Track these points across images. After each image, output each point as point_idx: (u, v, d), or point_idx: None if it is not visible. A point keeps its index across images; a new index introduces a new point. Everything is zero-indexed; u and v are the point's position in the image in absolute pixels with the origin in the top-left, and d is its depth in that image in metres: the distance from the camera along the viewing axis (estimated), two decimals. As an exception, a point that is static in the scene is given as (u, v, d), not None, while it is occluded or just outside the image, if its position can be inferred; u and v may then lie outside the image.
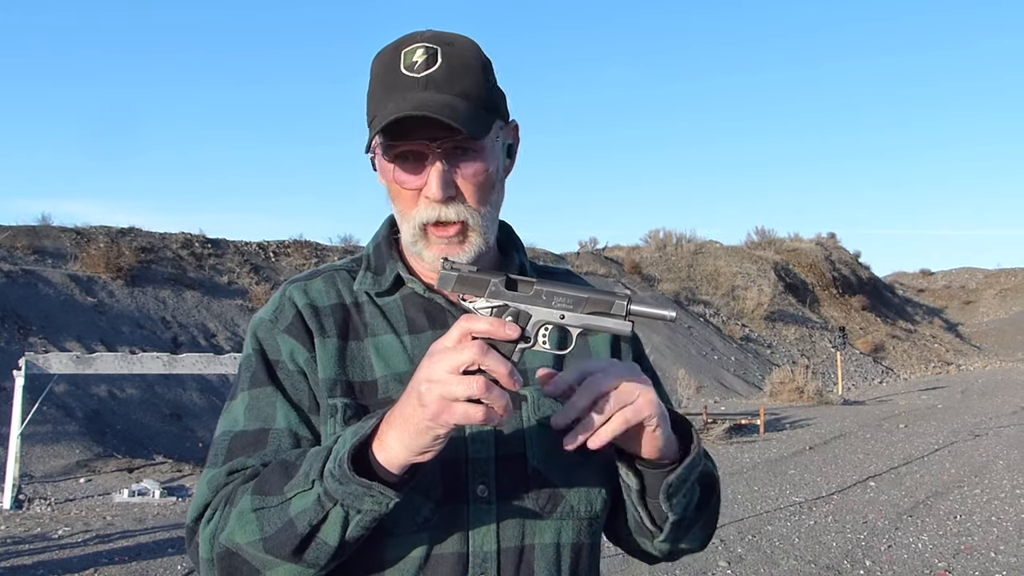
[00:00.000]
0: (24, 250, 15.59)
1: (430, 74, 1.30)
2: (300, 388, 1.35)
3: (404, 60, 1.32)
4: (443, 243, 1.34)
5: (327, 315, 1.39)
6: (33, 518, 8.40)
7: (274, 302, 1.43)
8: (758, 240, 37.98)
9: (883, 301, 40.02)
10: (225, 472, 1.29)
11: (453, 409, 1.08)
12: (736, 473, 11.05)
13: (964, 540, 7.80)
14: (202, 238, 19.09)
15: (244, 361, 1.40)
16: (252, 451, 1.30)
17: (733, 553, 7.36)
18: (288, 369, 1.36)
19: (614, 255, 31.60)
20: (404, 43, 1.34)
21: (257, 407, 1.34)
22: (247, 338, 1.42)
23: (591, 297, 1.19)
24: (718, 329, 27.93)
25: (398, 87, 1.31)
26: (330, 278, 1.44)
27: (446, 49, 1.32)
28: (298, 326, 1.38)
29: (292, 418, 1.33)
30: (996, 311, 46.81)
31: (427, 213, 1.33)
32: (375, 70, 1.36)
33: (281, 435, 1.31)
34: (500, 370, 1.08)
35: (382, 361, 1.36)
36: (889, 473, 11.05)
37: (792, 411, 18.25)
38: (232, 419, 1.35)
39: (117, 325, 14.88)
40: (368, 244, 1.50)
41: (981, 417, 16.95)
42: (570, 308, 1.19)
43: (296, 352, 1.36)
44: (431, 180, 1.30)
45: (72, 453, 10.95)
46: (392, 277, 1.42)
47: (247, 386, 1.36)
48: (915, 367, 32.39)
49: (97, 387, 12.59)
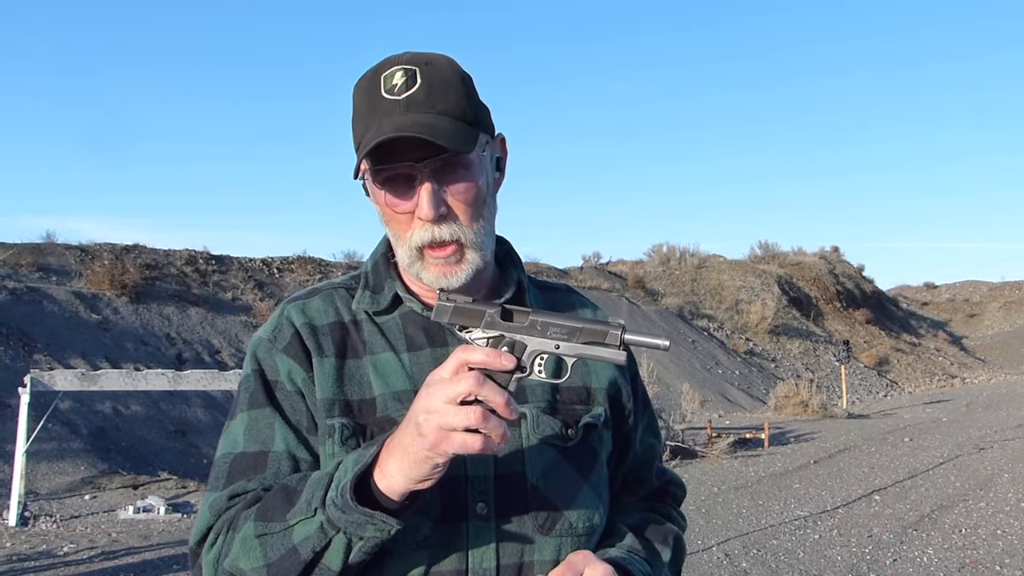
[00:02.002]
0: (29, 267, 15.63)
1: (410, 95, 1.31)
2: (298, 409, 1.36)
3: (384, 84, 1.32)
4: (440, 263, 1.35)
5: (325, 334, 1.39)
6: (38, 535, 8.40)
7: (273, 321, 1.43)
8: (761, 254, 37.96)
9: (887, 314, 39.96)
10: (226, 496, 1.31)
11: (451, 439, 1.10)
12: (741, 487, 11.03)
13: (969, 554, 7.78)
14: (206, 255, 19.13)
15: (243, 381, 1.41)
16: (252, 474, 1.32)
17: (738, 568, 7.35)
18: (286, 389, 1.36)
19: (618, 269, 31.60)
20: (383, 67, 1.34)
21: (256, 428, 1.35)
22: (247, 357, 1.43)
23: (585, 327, 1.21)
24: (722, 343, 27.90)
25: (379, 111, 1.32)
26: (328, 296, 1.45)
27: (424, 69, 1.33)
28: (295, 346, 1.38)
29: (291, 440, 1.34)
30: (1000, 324, 46.69)
31: (422, 235, 1.33)
32: (356, 97, 1.37)
33: (280, 458, 1.32)
34: (497, 400, 1.10)
35: (380, 379, 1.37)
36: (894, 487, 11.02)
37: (796, 425, 18.21)
38: (232, 440, 1.36)
39: (122, 342, 14.91)
40: (366, 262, 1.51)
41: (986, 430, 16.91)
42: (565, 338, 1.21)
43: (294, 372, 1.37)
44: (421, 200, 1.31)
45: (77, 470, 10.96)
46: (390, 296, 1.42)
47: (246, 407, 1.37)
48: (919, 380, 32.32)
49: (102, 404, 12.61)
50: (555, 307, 1.50)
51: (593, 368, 1.50)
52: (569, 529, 1.37)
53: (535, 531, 1.34)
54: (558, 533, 1.36)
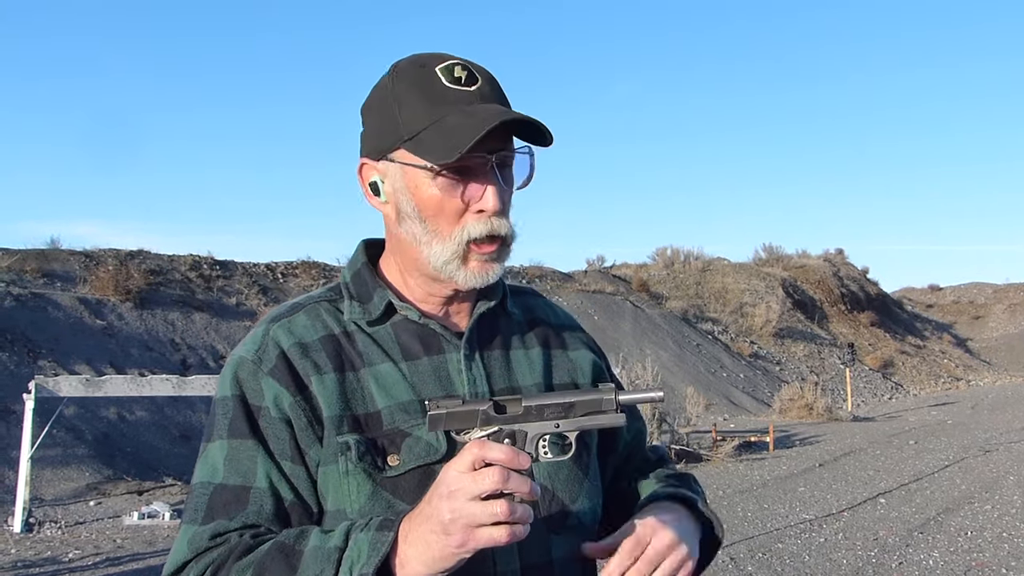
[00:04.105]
0: (33, 273, 15.66)
1: (479, 87, 1.32)
2: (282, 438, 1.30)
3: (444, 76, 1.31)
4: (484, 260, 1.34)
5: (317, 350, 1.34)
6: (44, 541, 8.41)
7: (256, 340, 1.36)
8: (766, 257, 37.91)
9: (892, 317, 39.91)
10: (208, 535, 1.25)
11: (478, 536, 1.10)
12: (746, 491, 11.02)
13: (975, 556, 7.77)
14: (210, 260, 19.15)
15: (220, 402, 1.33)
16: (233, 510, 1.26)
17: (743, 571, 7.33)
18: (271, 416, 1.30)
19: (622, 273, 31.57)
20: (433, 61, 1.33)
21: (237, 459, 1.29)
22: (226, 378, 1.35)
23: (579, 400, 1.23)
24: (727, 346, 27.88)
25: (451, 100, 1.30)
26: (313, 310, 1.39)
27: (475, 67, 1.34)
28: (282, 369, 1.32)
29: (273, 475, 1.28)
30: (1005, 326, 46.58)
31: (479, 228, 1.31)
32: (401, 89, 1.33)
33: (263, 495, 1.27)
34: (524, 489, 1.11)
35: (383, 391, 1.33)
36: (899, 490, 11.00)
37: (801, 428, 18.19)
38: (211, 467, 1.30)
39: (126, 348, 14.93)
40: (344, 272, 1.47)
41: (991, 432, 16.88)
42: (562, 416, 1.22)
43: (281, 397, 1.30)
44: (488, 193, 1.30)
45: (82, 476, 10.98)
46: (383, 305, 1.39)
47: (226, 433, 1.31)
48: (924, 383, 32.27)
49: (107, 410, 12.63)
50: (527, 311, 1.52)
51: (578, 363, 1.52)
52: (579, 525, 1.39)
53: (548, 532, 1.35)
54: (569, 530, 1.38)
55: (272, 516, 1.27)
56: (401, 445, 1.30)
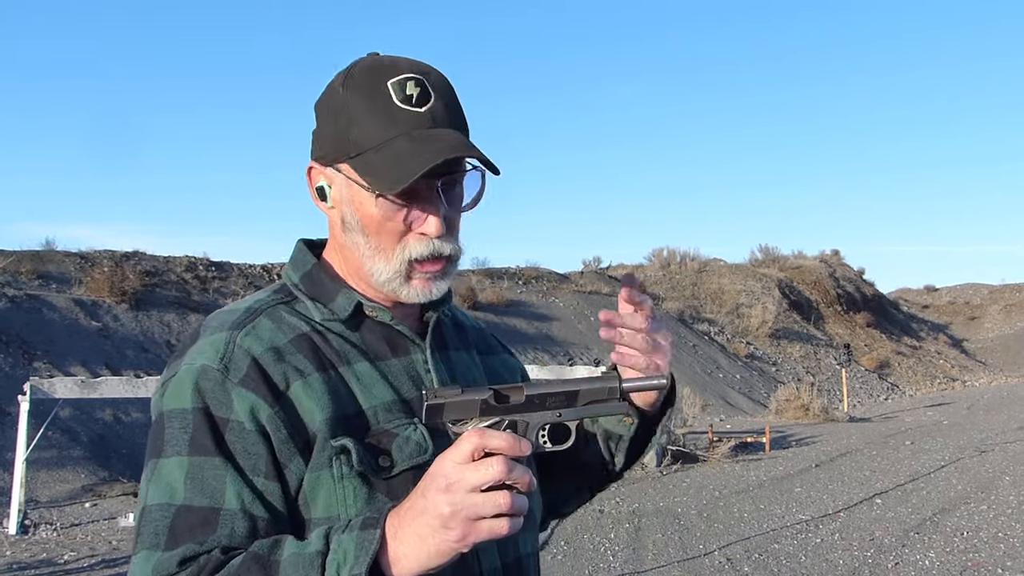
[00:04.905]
0: (28, 275, 15.64)
1: (430, 108, 1.28)
2: (255, 452, 1.21)
3: (395, 93, 1.27)
4: (427, 278, 1.32)
5: (293, 353, 1.28)
6: (39, 543, 8.40)
7: (216, 348, 1.26)
8: (762, 258, 37.96)
9: (888, 318, 39.95)
10: (176, 560, 1.15)
11: (479, 528, 1.06)
12: (742, 491, 11.02)
13: (971, 556, 7.77)
14: (206, 261, 19.15)
15: (176, 416, 1.23)
16: (201, 534, 1.16)
17: (740, 572, 7.33)
18: (243, 429, 1.21)
19: (618, 274, 31.58)
20: (385, 71, 1.29)
21: (201, 479, 1.19)
22: (182, 387, 1.24)
23: (583, 389, 1.20)
24: (723, 347, 27.90)
25: (400, 122, 1.27)
26: (274, 313, 1.33)
27: (430, 80, 1.30)
28: (255, 378, 1.23)
29: (246, 496, 1.19)
30: (1001, 327, 46.64)
31: (421, 248, 1.30)
32: (352, 99, 1.30)
33: (234, 517, 1.18)
34: (525, 479, 1.07)
35: (366, 391, 1.29)
36: (895, 490, 11.01)
37: (798, 429, 18.20)
38: (168, 488, 1.19)
39: (122, 349, 14.91)
40: (289, 274, 1.40)
41: (987, 433, 16.89)
42: (565, 404, 1.19)
43: (258, 408, 1.22)
44: (431, 218, 1.28)
45: (77, 478, 10.96)
46: (351, 306, 1.34)
47: (186, 450, 1.20)
48: (920, 383, 32.30)
49: (102, 411, 12.61)
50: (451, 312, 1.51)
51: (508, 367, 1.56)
52: (534, 521, 1.43)
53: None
54: (530, 526, 1.41)
55: (245, 539, 1.18)
56: (391, 446, 1.26)
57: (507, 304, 23.42)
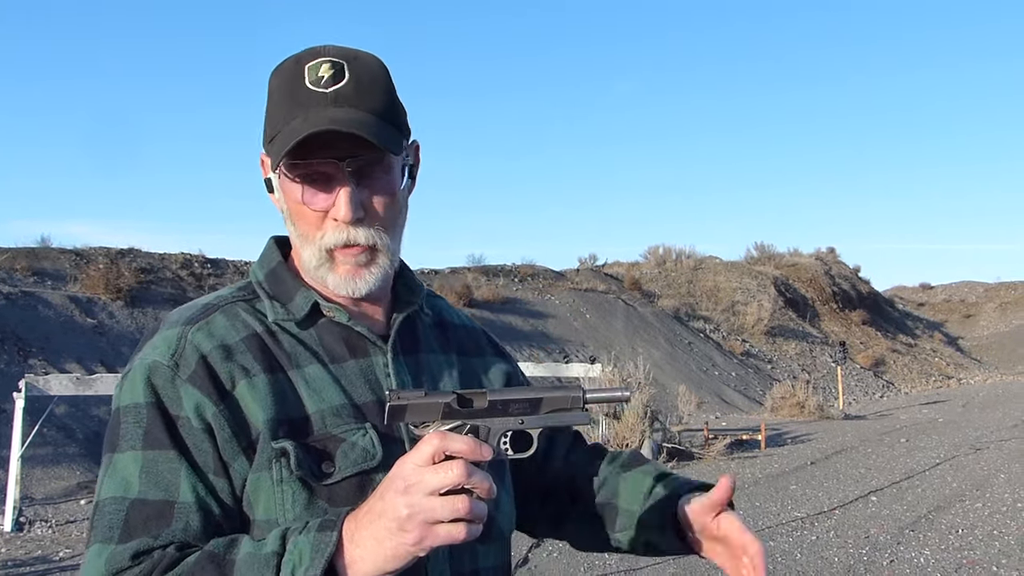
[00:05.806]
0: (24, 272, 15.61)
1: (338, 89, 1.24)
2: (204, 449, 1.20)
3: (308, 75, 1.25)
4: (350, 264, 1.29)
5: (242, 352, 1.26)
6: (34, 540, 8.38)
7: (168, 343, 1.25)
8: (757, 255, 37.99)
9: (883, 315, 40.01)
10: (129, 554, 1.14)
11: (437, 532, 1.04)
12: (737, 489, 10.91)
13: (966, 554, 7.78)
14: (201, 258, 19.11)
15: (131, 410, 1.22)
16: (155, 528, 1.15)
17: (735, 569, 7.33)
18: (192, 427, 1.20)
19: (614, 271, 31.60)
20: (306, 57, 1.27)
21: (156, 472, 1.18)
22: (135, 382, 1.23)
23: (547, 397, 1.18)
24: (718, 345, 27.91)
25: (303, 103, 1.24)
26: (230, 311, 1.31)
27: (352, 64, 1.26)
28: (203, 375, 1.22)
29: (200, 489, 1.19)
30: (996, 324, 46.77)
31: (335, 236, 1.27)
32: (274, 85, 1.29)
33: (189, 511, 1.17)
34: (484, 485, 1.05)
35: (314, 394, 1.26)
36: (891, 488, 11.03)
37: (793, 426, 18.22)
38: (122, 481, 1.18)
39: (117, 346, 14.88)
40: (255, 271, 1.39)
41: (982, 430, 16.92)
42: (528, 412, 1.18)
43: (203, 406, 1.21)
44: (340, 201, 1.25)
45: (73, 475, 10.94)
46: (308, 306, 1.32)
47: (140, 444, 1.19)
48: (916, 381, 32.35)
49: (97, 408, 12.58)
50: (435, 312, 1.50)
51: (490, 371, 1.52)
52: (500, 535, 1.39)
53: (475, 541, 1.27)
54: (492, 540, 1.36)
55: (200, 533, 1.17)
56: (335, 452, 1.23)
57: (503, 301, 23.40)
